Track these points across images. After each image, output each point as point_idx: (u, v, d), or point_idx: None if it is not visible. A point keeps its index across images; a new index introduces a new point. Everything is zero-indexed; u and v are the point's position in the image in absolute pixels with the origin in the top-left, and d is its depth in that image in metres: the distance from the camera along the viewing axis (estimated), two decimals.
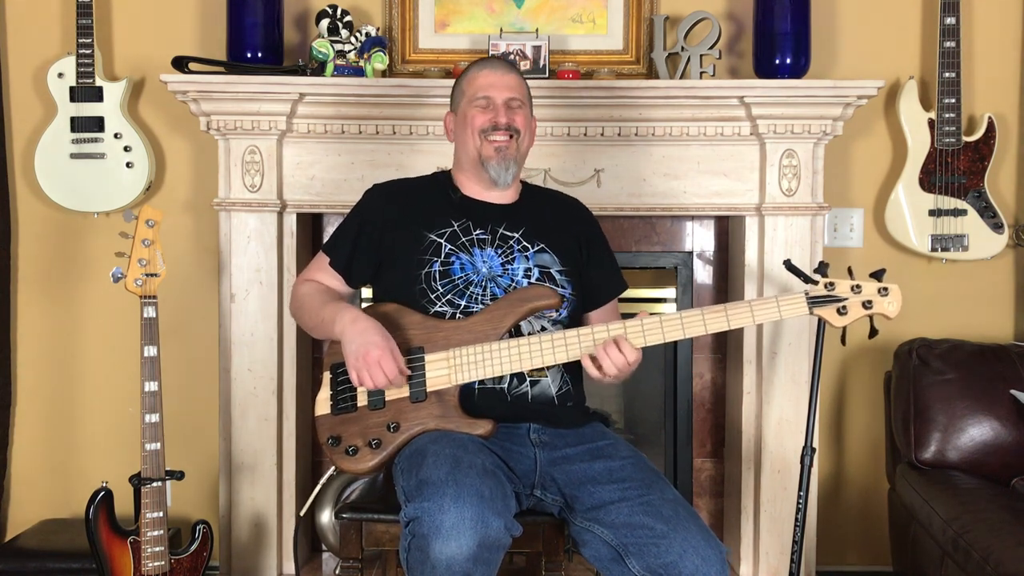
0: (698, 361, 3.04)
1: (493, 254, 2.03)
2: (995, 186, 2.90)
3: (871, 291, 1.89)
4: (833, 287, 1.89)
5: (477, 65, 2.12)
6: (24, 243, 2.99)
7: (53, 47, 2.91)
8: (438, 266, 2.00)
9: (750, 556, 2.83)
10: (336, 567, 2.86)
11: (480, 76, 2.09)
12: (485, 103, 2.06)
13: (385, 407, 1.90)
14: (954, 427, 2.57)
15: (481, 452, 1.79)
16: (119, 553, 2.34)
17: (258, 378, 2.76)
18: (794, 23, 2.73)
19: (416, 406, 1.90)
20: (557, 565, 2.02)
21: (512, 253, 2.04)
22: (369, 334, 1.86)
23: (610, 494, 1.84)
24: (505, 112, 2.06)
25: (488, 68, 2.10)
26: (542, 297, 1.94)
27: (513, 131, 2.05)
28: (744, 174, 2.76)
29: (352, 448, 1.89)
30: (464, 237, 2.04)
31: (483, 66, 2.11)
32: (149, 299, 2.34)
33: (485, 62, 2.13)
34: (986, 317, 2.98)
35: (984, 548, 2.11)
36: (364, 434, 1.90)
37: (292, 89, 2.65)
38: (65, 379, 3.01)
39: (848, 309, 1.89)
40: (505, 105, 2.06)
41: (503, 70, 2.09)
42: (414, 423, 1.89)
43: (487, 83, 2.07)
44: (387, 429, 1.89)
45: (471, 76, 2.10)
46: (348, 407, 1.92)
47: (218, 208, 2.74)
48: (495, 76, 2.08)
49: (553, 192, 2.29)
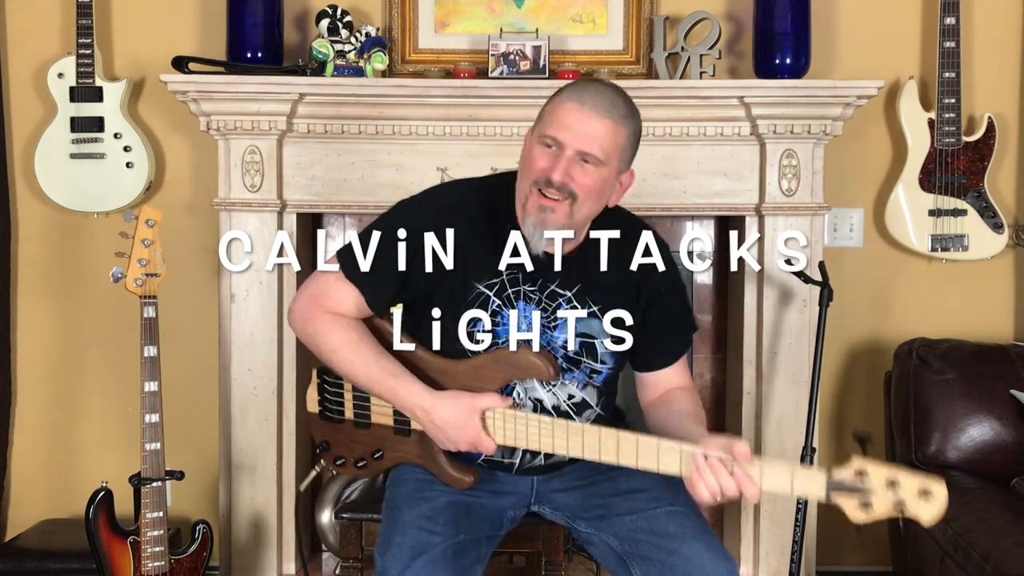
0: (698, 361, 3.04)
1: (536, 311, 1.72)
2: (995, 186, 2.90)
3: (910, 492, 1.45)
4: (864, 476, 1.45)
5: (572, 92, 1.67)
6: (24, 243, 2.99)
7: (53, 47, 2.91)
8: (483, 324, 1.71)
9: (750, 556, 2.83)
10: (336, 567, 2.86)
11: (566, 111, 1.64)
12: (551, 144, 1.65)
13: (370, 428, 1.83)
14: (954, 427, 2.57)
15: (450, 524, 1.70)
16: (119, 553, 2.34)
17: (258, 378, 2.76)
18: (794, 23, 2.73)
19: (399, 438, 1.81)
20: (557, 565, 2.02)
21: (555, 316, 1.75)
22: (450, 427, 1.68)
23: (616, 505, 1.77)
24: (566, 167, 1.63)
25: (578, 103, 1.63)
26: (532, 370, 1.69)
27: (569, 193, 1.64)
28: (744, 174, 2.76)
29: (341, 459, 1.88)
30: (512, 288, 1.74)
31: (576, 96, 1.65)
32: (149, 299, 2.34)
33: (582, 92, 1.66)
34: (986, 317, 2.98)
35: (984, 548, 2.11)
36: (351, 449, 1.86)
37: (292, 89, 2.65)
38: (65, 379, 3.01)
39: (873, 506, 1.46)
40: (571, 160, 1.63)
41: (597, 112, 1.63)
42: (397, 456, 1.82)
43: (567, 123, 1.63)
44: (371, 456, 1.84)
45: (559, 104, 1.66)
46: (335, 419, 1.87)
47: (218, 208, 2.74)
48: (581, 117, 1.63)
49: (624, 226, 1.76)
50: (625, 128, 1.66)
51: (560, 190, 1.63)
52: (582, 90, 1.66)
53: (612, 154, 1.65)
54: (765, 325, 2.77)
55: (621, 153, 1.67)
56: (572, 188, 1.63)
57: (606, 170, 1.65)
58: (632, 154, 1.72)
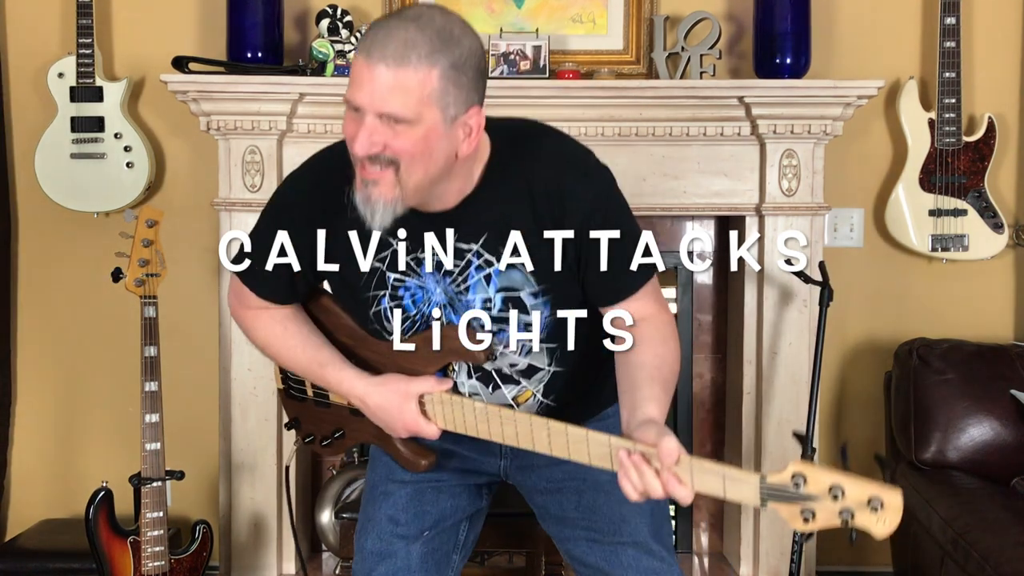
0: (698, 361, 3.04)
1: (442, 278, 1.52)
2: (995, 186, 2.90)
3: (857, 500, 1.23)
4: (803, 482, 1.25)
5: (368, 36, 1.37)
6: (24, 243, 2.99)
7: (53, 47, 2.91)
8: (387, 302, 1.54)
9: (750, 556, 2.83)
10: (336, 567, 2.86)
11: (357, 63, 1.37)
12: (356, 108, 1.38)
13: (330, 408, 1.75)
14: (954, 427, 2.57)
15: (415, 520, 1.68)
16: (119, 553, 2.34)
17: (258, 378, 2.76)
18: (794, 23, 2.73)
19: (356, 419, 1.70)
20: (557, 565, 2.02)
21: (467, 275, 1.51)
22: (386, 414, 1.56)
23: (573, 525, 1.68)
24: (370, 135, 1.36)
25: (365, 55, 1.35)
26: (466, 356, 1.51)
27: (386, 162, 1.38)
28: (744, 174, 2.76)
29: (309, 437, 1.82)
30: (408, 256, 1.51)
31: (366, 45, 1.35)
32: (149, 299, 2.34)
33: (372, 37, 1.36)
34: (986, 317, 2.98)
35: (984, 548, 2.11)
36: (318, 427, 1.79)
37: (292, 89, 2.65)
38: (65, 379, 3.01)
39: (816, 516, 1.25)
40: (374, 124, 1.36)
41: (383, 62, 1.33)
42: (357, 434, 1.74)
43: (358, 79, 1.36)
44: (333, 436, 1.77)
45: (354, 60, 1.38)
46: (299, 397, 1.81)
47: (218, 208, 2.74)
48: (368, 71, 1.34)
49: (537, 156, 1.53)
50: (434, 68, 1.33)
51: (374, 161, 1.37)
52: (372, 37, 1.35)
53: (423, 106, 1.34)
54: (765, 325, 2.77)
55: (439, 99, 1.35)
56: (387, 156, 1.37)
57: (423, 126, 1.35)
58: (467, 91, 1.38)
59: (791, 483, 1.26)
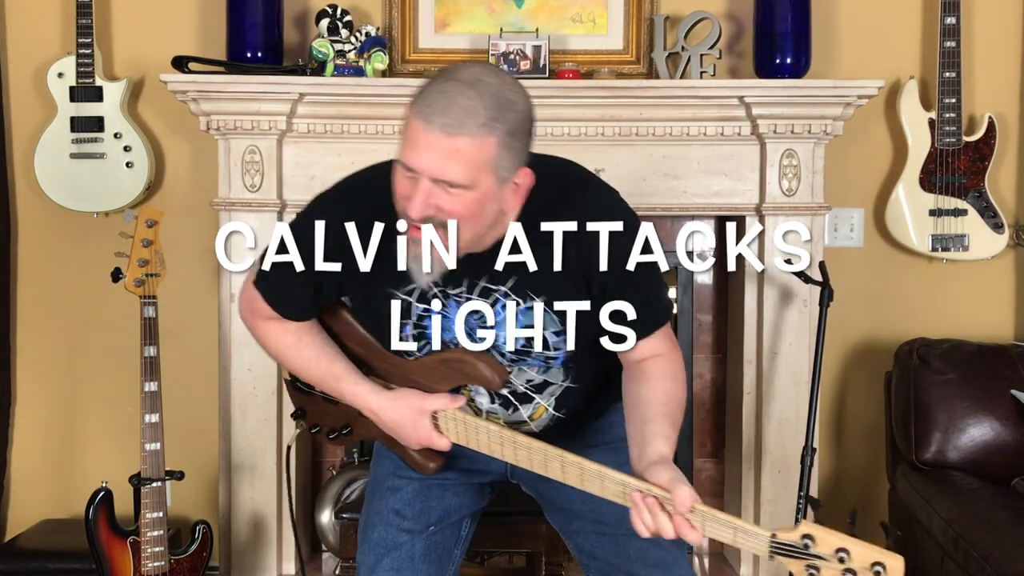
0: (698, 361, 3.04)
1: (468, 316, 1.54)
2: (995, 186, 2.89)
3: (861, 563, 1.33)
4: (811, 543, 1.32)
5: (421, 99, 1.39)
6: (24, 243, 2.99)
7: (53, 47, 2.91)
8: (409, 329, 1.57)
9: (750, 556, 2.83)
10: (336, 567, 2.86)
11: (413, 127, 1.39)
12: (407, 170, 1.41)
13: (338, 405, 1.75)
14: (954, 427, 2.57)
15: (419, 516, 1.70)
16: (119, 553, 2.34)
17: (258, 378, 2.76)
18: (794, 23, 2.73)
19: (365, 418, 1.70)
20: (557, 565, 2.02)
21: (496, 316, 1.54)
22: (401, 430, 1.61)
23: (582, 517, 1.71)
24: (425, 198, 1.39)
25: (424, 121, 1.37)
26: (479, 378, 1.55)
27: (439, 224, 1.40)
28: (744, 174, 2.75)
29: (316, 428, 1.83)
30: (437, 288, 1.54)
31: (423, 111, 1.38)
32: (149, 299, 2.34)
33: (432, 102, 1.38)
34: (986, 317, 2.97)
35: (984, 548, 2.10)
36: (324, 419, 1.80)
37: (292, 89, 2.65)
38: (65, 379, 3.01)
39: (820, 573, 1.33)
40: (430, 188, 1.39)
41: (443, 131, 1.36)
42: (364, 432, 1.75)
43: (416, 142, 1.38)
44: (341, 431, 1.78)
45: (408, 115, 1.41)
46: (306, 388, 1.80)
47: (218, 208, 2.74)
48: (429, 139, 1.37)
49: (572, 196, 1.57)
50: (491, 136, 1.37)
51: (426, 222, 1.39)
52: (431, 101, 1.37)
53: (479, 172, 1.38)
54: (765, 325, 2.77)
55: (493, 165, 1.39)
56: (440, 219, 1.39)
57: (476, 191, 1.39)
58: (518, 154, 1.43)
59: (800, 542, 1.32)
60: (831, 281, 2.44)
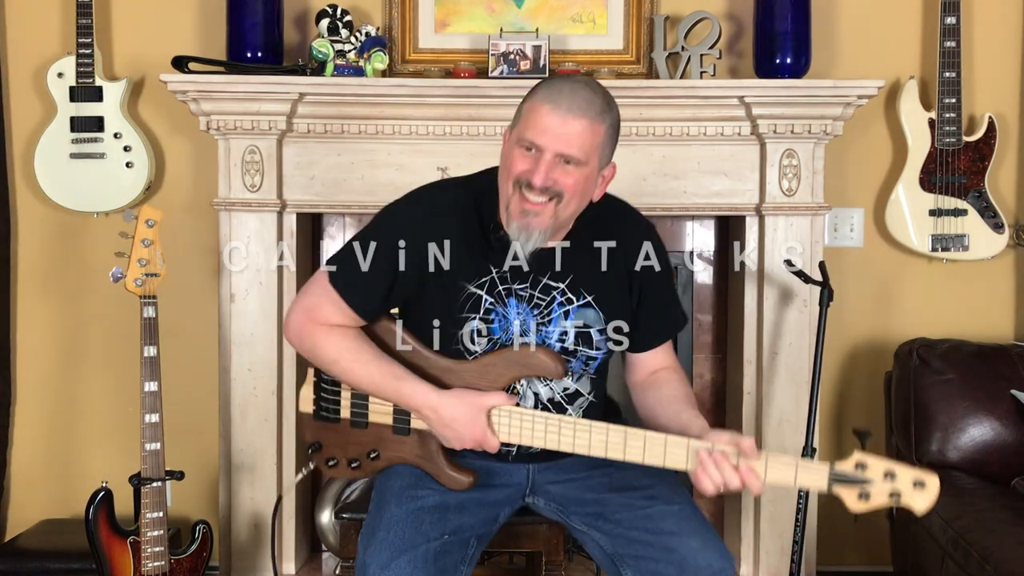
0: (698, 361, 3.04)
1: (528, 310, 1.77)
2: (995, 186, 2.89)
3: (905, 482, 1.59)
4: (864, 468, 1.59)
5: (547, 93, 1.67)
6: (24, 243, 2.99)
7: (53, 47, 2.91)
8: (477, 322, 1.75)
9: (750, 556, 2.83)
10: (336, 567, 2.86)
11: (542, 114, 1.65)
12: (529, 147, 1.66)
13: (367, 428, 1.84)
14: (954, 427, 2.57)
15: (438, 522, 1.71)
16: (119, 553, 2.34)
17: (258, 378, 2.76)
18: (794, 23, 2.73)
19: (398, 438, 1.81)
20: (557, 565, 2.02)
21: (550, 311, 1.78)
22: (458, 425, 1.71)
23: (610, 502, 1.77)
24: (547, 170, 1.64)
25: (553, 105, 1.64)
26: (542, 369, 1.73)
27: (553, 194, 1.66)
28: (744, 174, 2.76)
29: (333, 461, 1.87)
30: (502, 285, 1.76)
31: (551, 98, 1.65)
32: (149, 299, 2.34)
33: (557, 93, 1.66)
34: (986, 317, 2.97)
35: (984, 548, 2.11)
36: (345, 449, 1.86)
37: (292, 89, 2.65)
38: (65, 379, 3.01)
39: (871, 496, 1.60)
40: (552, 163, 1.65)
41: (573, 113, 1.64)
42: (393, 456, 1.83)
43: (544, 126, 1.64)
44: (367, 456, 1.84)
45: (534, 106, 1.67)
46: (332, 418, 1.86)
47: (218, 208, 2.74)
48: (556, 119, 1.63)
49: (615, 213, 1.86)
50: (603, 125, 1.67)
51: (543, 192, 1.65)
52: (557, 91, 1.66)
53: (592, 153, 1.66)
54: (765, 325, 2.77)
55: (600, 150, 1.69)
56: (556, 189, 1.66)
57: (587, 169, 1.67)
58: (612, 148, 1.73)
59: (855, 469, 1.59)
60: (831, 281, 2.44)
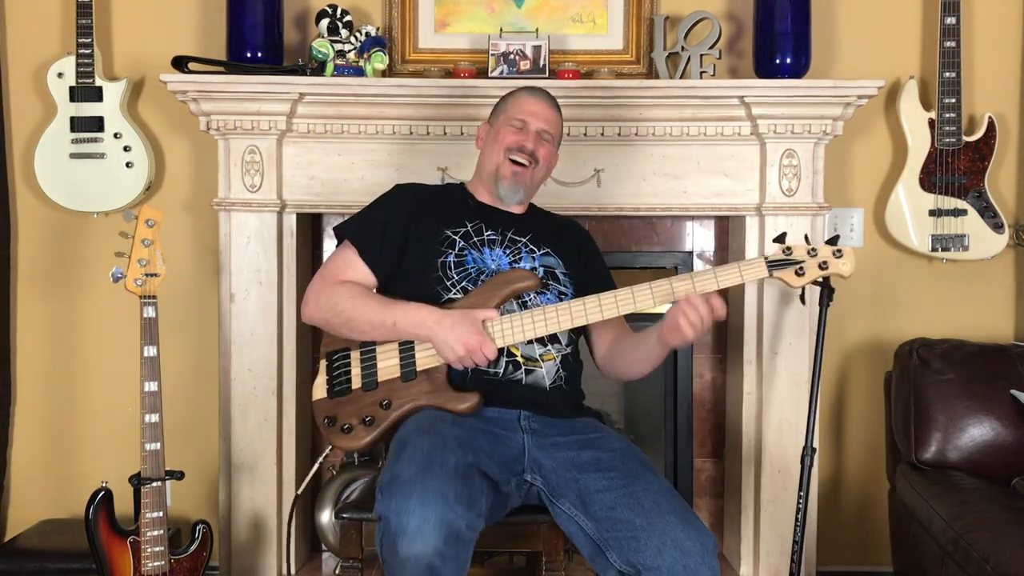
0: (698, 361, 3.04)
1: (502, 253, 2.16)
2: (995, 186, 2.90)
3: (826, 253, 2.00)
4: (791, 251, 2.00)
5: (528, 91, 2.27)
6: (24, 243, 2.99)
7: (53, 47, 2.91)
8: (452, 257, 2.10)
9: (750, 556, 2.83)
10: (336, 567, 2.86)
11: (527, 102, 2.23)
12: (520, 125, 2.20)
13: (378, 387, 2.01)
14: (954, 427, 2.57)
15: (459, 449, 1.79)
16: (119, 553, 2.34)
17: (258, 378, 2.76)
18: (794, 23, 2.73)
19: (407, 384, 2.00)
20: (557, 565, 2.02)
21: (520, 253, 2.17)
22: (459, 328, 1.97)
23: (595, 482, 1.88)
24: (534, 140, 2.20)
25: (536, 98, 2.25)
26: (523, 279, 2.05)
27: (534, 159, 2.19)
28: (744, 174, 2.76)
29: (347, 426, 1.99)
30: (476, 237, 2.16)
31: (532, 94, 2.26)
32: (149, 299, 2.34)
33: (535, 91, 2.28)
34: (986, 317, 2.98)
35: (984, 548, 2.10)
36: (358, 413, 2.00)
37: (292, 89, 2.65)
38: (65, 379, 3.01)
39: (805, 270, 2.00)
40: (537, 134, 2.20)
41: (548, 104, 2.25)
42: (405, 400, 1.98)
43: (530, 110, 2.21)
44: (379, 407, 1.99)
45: (519, 99, 2.24)
46: (343, 389, 2.02)
47: (218, 208, 2.74)
48: (539, 107, 2.23)
49: (556, 215, 2.41)
50: (561, 119, 2.29)
51: (531, 156, 2.18)
52: (532, 91, 2.27)
53: (557, 135, 2.27)
54: (765, 325, 2.77)
55: (560, 136, 2.30)
56: (538, 155, 2.19)
57: (553, 146, 2.25)
58: (560, 140, 2.32)
59: (784, 254, 2.01)
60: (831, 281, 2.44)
